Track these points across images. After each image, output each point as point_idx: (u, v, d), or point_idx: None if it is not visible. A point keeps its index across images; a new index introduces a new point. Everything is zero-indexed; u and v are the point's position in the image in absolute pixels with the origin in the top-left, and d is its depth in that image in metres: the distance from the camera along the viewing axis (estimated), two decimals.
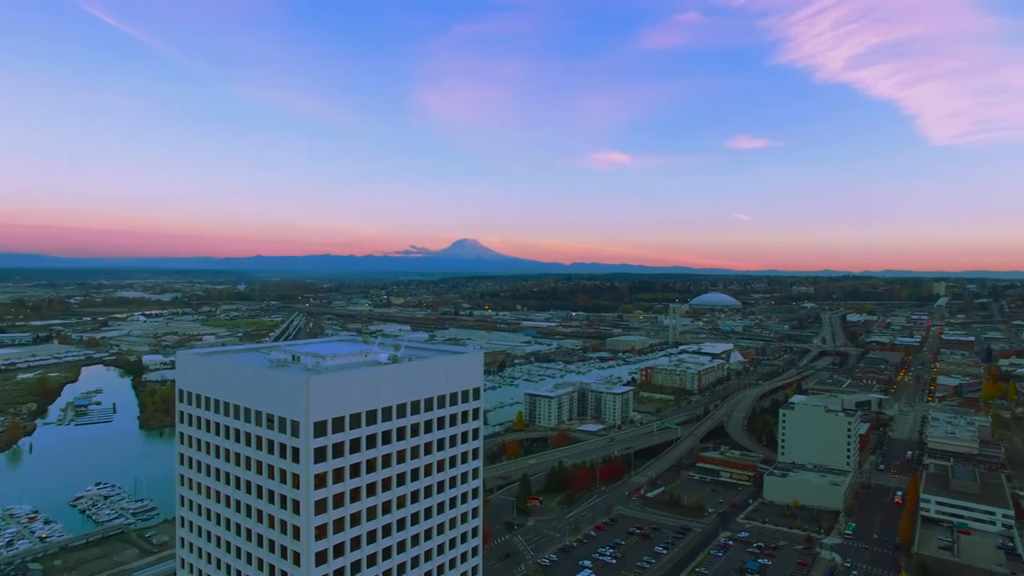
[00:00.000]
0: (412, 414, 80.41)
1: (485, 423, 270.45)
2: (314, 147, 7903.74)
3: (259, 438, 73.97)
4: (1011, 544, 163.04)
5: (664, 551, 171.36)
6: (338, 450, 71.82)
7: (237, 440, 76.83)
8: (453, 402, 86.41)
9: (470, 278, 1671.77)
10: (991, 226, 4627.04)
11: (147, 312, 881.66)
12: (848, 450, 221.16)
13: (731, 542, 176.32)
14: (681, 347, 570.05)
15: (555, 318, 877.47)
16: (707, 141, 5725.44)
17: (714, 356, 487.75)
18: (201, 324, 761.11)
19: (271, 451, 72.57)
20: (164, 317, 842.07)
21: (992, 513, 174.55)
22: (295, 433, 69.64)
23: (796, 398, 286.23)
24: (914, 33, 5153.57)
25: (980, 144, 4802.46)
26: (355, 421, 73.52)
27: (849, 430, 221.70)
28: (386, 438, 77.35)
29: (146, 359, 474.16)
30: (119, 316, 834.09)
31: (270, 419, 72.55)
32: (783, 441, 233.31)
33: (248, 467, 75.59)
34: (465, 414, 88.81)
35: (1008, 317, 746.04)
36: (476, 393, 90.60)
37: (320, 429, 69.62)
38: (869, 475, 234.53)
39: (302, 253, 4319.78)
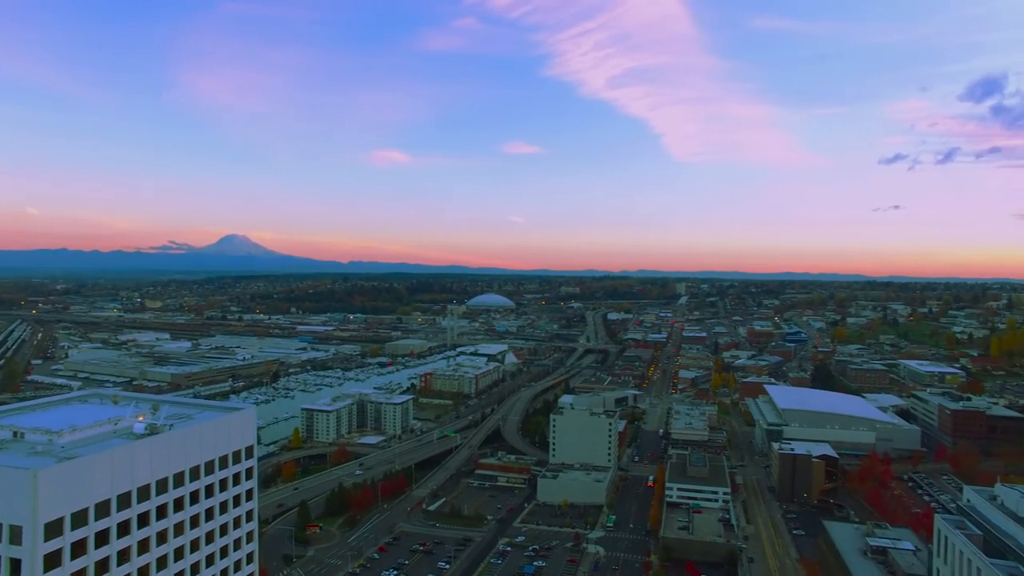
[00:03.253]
0: (175, 487, 71.48)
1: (259, 442, 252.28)
2: (49, 123, 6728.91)
3: None
4: (727, 516, 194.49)
5: (447, 565, 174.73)
6: (79, 549, 60.86)
7: None
8: (223, 465, 78.76)
9: (239, 278, 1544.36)
10: (717, 233, 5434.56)
11: None
12: (609, 448, 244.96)
13: (509, 548, 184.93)
14: (459, 349, 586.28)
15: (332, 321, 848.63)
16: (484, 145, 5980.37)
17: (490, 358, 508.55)
18: None
19: None
20: None
21: (715, 492, 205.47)
22: (15, 540, 57.21)
23: (565, 398, 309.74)
24: (661, 62, 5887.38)
25: (708, 163, 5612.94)
26: (103, 509, 62.98)
27: (610, 429, 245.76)
28: (143, 520, 67.74)
29: None
30: None
31: None
32: (554, 443, 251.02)
33: None
34: (237, 476, 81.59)
35: (729, 313, 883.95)
36: (249, 452, 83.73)
37: (54, 529, 58.26)
38: (627, 468, 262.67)
39: (28, 247, 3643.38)
